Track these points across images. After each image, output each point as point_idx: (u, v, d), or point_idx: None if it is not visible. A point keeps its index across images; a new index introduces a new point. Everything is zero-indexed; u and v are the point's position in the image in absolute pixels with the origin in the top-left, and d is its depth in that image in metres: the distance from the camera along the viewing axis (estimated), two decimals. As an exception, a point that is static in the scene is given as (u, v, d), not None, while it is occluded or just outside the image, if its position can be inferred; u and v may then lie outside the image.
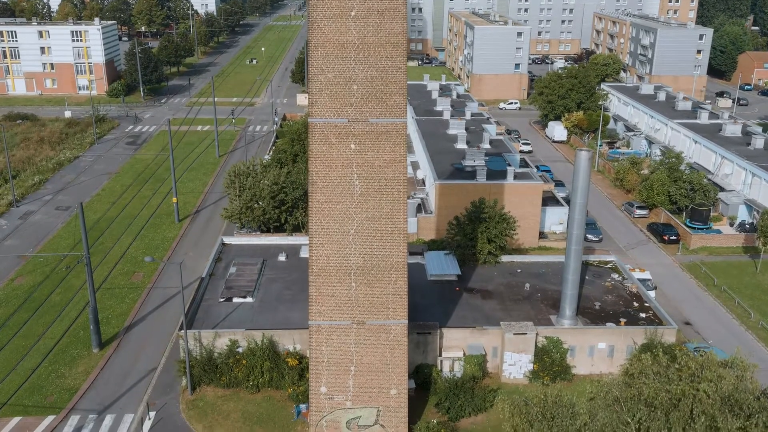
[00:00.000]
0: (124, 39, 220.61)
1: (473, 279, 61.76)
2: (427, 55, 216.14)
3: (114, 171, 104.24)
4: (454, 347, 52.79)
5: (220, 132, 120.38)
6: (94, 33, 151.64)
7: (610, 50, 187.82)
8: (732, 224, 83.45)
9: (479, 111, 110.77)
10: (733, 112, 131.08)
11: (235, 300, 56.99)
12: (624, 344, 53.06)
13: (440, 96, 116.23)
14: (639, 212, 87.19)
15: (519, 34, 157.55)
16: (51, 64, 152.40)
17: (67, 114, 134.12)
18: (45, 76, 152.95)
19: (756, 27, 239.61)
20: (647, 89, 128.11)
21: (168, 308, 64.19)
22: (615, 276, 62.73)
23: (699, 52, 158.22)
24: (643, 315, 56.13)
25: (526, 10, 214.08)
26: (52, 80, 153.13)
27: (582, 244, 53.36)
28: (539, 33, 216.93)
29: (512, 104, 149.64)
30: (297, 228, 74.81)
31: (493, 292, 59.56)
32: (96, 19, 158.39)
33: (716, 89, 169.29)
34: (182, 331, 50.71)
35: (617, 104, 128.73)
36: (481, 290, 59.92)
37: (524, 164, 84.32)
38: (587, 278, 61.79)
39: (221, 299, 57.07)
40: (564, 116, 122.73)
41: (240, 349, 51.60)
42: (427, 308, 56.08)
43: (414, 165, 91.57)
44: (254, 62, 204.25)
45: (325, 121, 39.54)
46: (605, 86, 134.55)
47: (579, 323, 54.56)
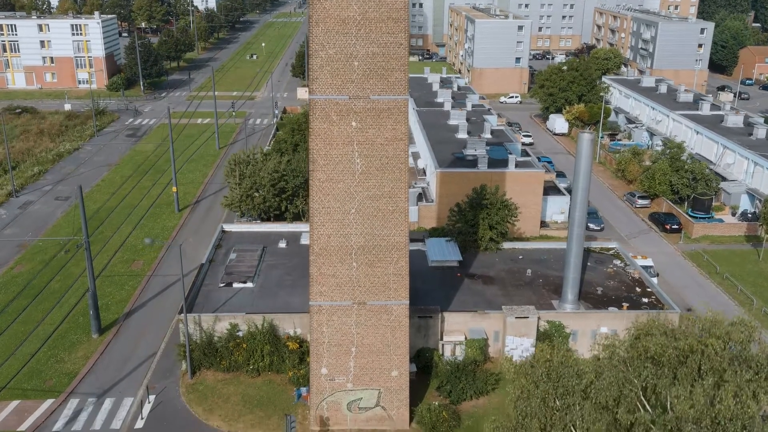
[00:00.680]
0: (124, 35, 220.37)
1: (474, 265, 61.45)
2: (428, 51, 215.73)
3: (114, 162, 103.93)
4: (456, 331, 52.47)
5: (220, 125, 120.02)
6: (94, 27, 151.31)
7: (611, 45, 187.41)
8: (734, 214, 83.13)
9: (480, 103, 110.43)
10: (735, 106, 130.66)
11: (236, 285, 56.69)
12: (626, 328, 52.66)
13: (441, 88, 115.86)
14: (641, 202, 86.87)
15: (520, 28, 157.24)
16: (51, 58, 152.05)
17: (67, 107, 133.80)
18: (45, 70, 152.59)
19: (757, 23, 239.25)
20: (648, 82, 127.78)
21: (168, 295, 63.88)
22: (617, 262, 62.43)
23: (700, 46, 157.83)
24: (646, 300, 55.82)
25: (527, 6, 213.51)
26: (52, 74, 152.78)
27: (584, 227, 53.06)
28: (540, 29, 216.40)
29: (513, 98, 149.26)
30: (297, 216, 74.50)
31: (495, 278, 59.25)
32: (96, 13, 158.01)
33: (717, 84, 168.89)
34: (182, 315, 50.43)
35: (618, 97, 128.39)
36: (483, 276, 59.61)
37: (525, 155, 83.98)
38: (589, 264, 61.48)
39: (221, 284, 56.77)
40: (565, 109, 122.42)
41: (240, 333, 51.30)
42: (428, 293, 55.72)
43: (415, 155, 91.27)
44: (254, 57, 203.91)
45: (326, 98, 39.24)
46: (606, 79, 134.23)
47: (581, 308, 54.25)
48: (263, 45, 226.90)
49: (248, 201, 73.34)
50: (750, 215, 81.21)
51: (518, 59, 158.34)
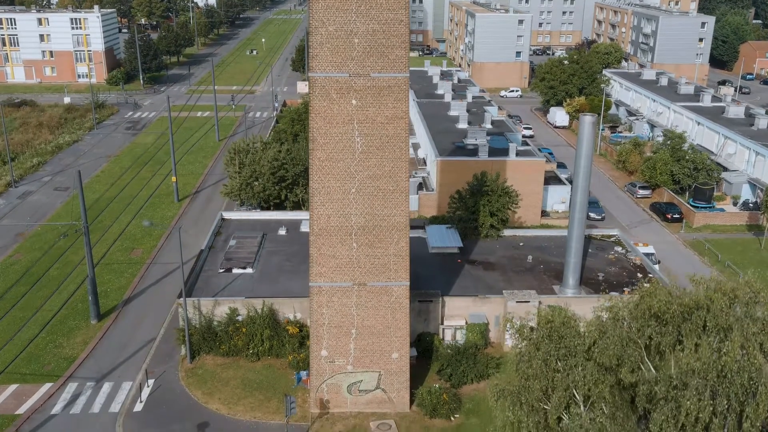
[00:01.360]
0: (124, 31, 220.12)
1: (475, 252, 61.18)
2: (428, 46, 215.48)
3: (113, 154, 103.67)
4: (456, 316, 52.18)
5: (220, 118, 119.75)
6: (94, 20, 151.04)
7: (612, 40, 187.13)
8: (735, 203, 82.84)
9: (480, 94, 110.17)
10: (735, 98, 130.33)
11: (235, 271, 56.38)
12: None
13: (441, 80, 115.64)
14: (642, 192, 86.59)
15: (520, 22, 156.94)
16: (50, 52, 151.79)
17: (66, 100, 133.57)
18: (44, 64, 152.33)
19: (758, 20, 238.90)
20: (649, 75, 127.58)
21: (167, 282, 63.61)
22: (618, 249, 62.15)
23: (701, 41, 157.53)
24: (647, 286, 55.39)
25: (527, 1, 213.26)
26: (52, 68, 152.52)
27: (585, 211, 52.78)
28: (540, 24, 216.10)
29: (513, 92, 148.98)
30: (297, 205, 74.17)
31: (495, 264, 58.98)
32: (95, 7, 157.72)
33: (718, 79, 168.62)
34: (181, 300, 50.14)
35: (619, 90, 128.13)
36: (483, 262, 59.33)
37: (526, 146, 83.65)
38: (590, 251, 61.20)
39: (221, 270, 56.47)
40: (566, 101, 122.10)
41: (240, 318, 51.00)
42: (429, 279, 55.46)
43: (415, 146, 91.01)
44: (254, 53, 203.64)
45: (326, 76, 38.95)
46: (607, 72, 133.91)
47: (582, 293, 53.97)
48: (263, 41, 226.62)
49: (248, 189, 73.04)
50: (751, 205, 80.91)
51: (519, 53, 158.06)
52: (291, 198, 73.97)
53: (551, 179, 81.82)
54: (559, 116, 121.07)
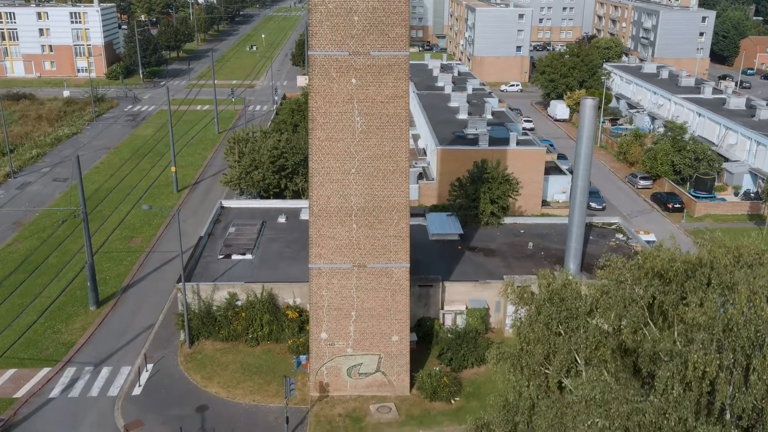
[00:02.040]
0: (124, 27, 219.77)
1: (475, 239, 60.92)
2: (428, 42, 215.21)
3: (112, 146, 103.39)
4: (456, 301, 51.94)
5: (220, 111, 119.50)
6: (93, 15, 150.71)
7: (612, 35, 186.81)
8: (737, 193, 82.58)
9: (481, 87, 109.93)
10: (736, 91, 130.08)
11: (235, 257, 56.11)
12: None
13: (441, 72, 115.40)
14: (643, 183, 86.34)
15: (521, 16, 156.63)
16: (50, 46, 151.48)
17: (66, 93, 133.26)
18: (44, 58, 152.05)
19: (758, 17, 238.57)
20: (650, 68, 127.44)
21: (166, 270, 63.35)
22: (619, 236, 61.88)
23: (701, 35, 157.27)
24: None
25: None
26: (51, 62, 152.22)
27: (587, 196, 52.53)
28: (540, 20, 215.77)
29: (514, 86, 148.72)
30: (297, 194, 73.89)
31: (496, 251, 58.71)
32: (95, 1, 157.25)
33: (718, 74, 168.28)
34: (180, 284, 49.88)
35: (620, 83, 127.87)
36: (484, 249, 59.07)
37: (526, 135, 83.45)
38: (591, 238, 60.94)
39: (220, 256, 56.19)
40: (566, 95, 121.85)
41: (239, 303, 50.74)
42: (429, 265, 55.11)
43: (415, 137, 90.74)
44: (254, 48, 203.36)
45: (326, 54, 38.68)
46: (608, 66, 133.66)
47: (583, 278, 53.66)
48: (263, 36, 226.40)
49: (247, 178, 72.76)
50: (753, 195, 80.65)
51: (519, 48, 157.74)
52: (291, 187, 73.70)
53: (552, 169, 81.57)
54: (560, 109, 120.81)
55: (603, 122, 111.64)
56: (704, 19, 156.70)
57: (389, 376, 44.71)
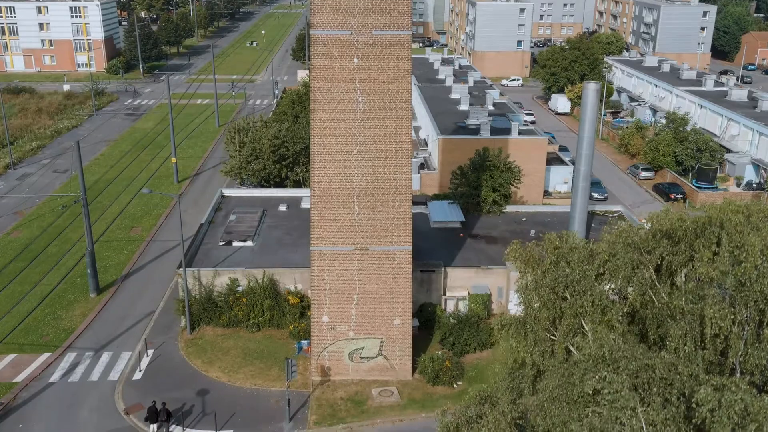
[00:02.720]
0: (124, 24, 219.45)
1: (477, 226, 60.66)
2: (429, 38, 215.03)
3: (112, 139, 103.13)
4: (459, 287, 51.66)
5: (220, 105, 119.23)
6: (93, 9, 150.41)
7: (613, 31, 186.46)
8: (739, 184, 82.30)
9: (482, 79, 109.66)
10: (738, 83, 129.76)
11: (235, 244, 55.83)
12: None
13: (442, 65, 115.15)
14: (644, 174, 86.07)
15: (521, 11, 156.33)
16: (50, 41, 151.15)
17: (66, 87, 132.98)
18: (44, 53, 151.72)
19: (759, 14, 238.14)
20: (651, 62, 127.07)
21: (167, 258, 63.08)
22: (622, 223, 61.44)
23: (702, 30, 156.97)
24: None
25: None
26: (51, 57, 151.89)
27: (589, 181, 52.26)
28: (541, 16, 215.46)
29: (514, 81, 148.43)
30: (298, 184, 73.58)
31: (498, 238, 58.43)
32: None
33: (719, 69, 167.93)
34: (181, 270, 49.61)
35: (621, 76, 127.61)
36: (486, 236, 58.81)
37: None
38: (593, 225, 60.65)
39: (221, 243, 55.90)
40: (567, 88, 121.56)
41: (240, 288, 50.47)
42: (431, 252, 54.86)
43: (416, 129, 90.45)
44: (254, 44, 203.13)
45: (327, 33, 38.39)
46: (609, 59, 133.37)
47: (586, 264, 53.35)
48: (263, 32, 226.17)
49: (248, 168, 72.48)
50: (755, 185, 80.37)
51: (520, 43, 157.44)
52: (292, 177, 73.39)
53: (553, 160, 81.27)
54: (561, 103, 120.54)
55: (604, 115, 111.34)
56: (705, 14, 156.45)
57: (391, 360, 44.43)
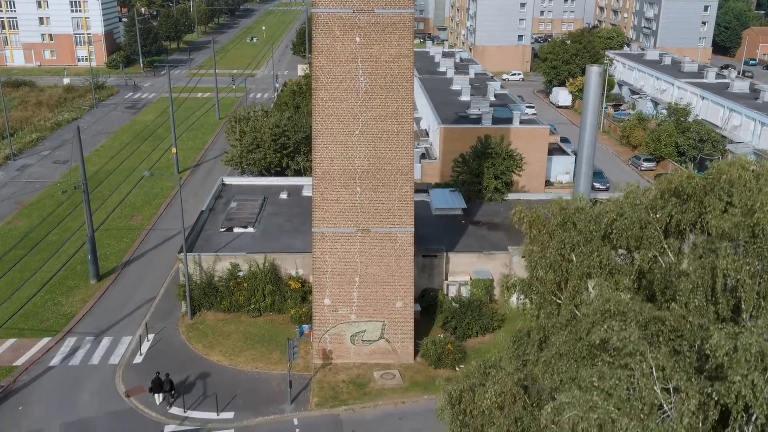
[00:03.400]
0: (124, 20, 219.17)
1: (479, 213, 60.44)
2: (429, 34, 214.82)
3: (112, 131, 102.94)
4: (461, 272, 51.44)
5: (221, 98, 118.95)
6: (93, 3, 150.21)
7: (614, 26, 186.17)
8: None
9: (483, 71, 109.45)
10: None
11: (236, 230, 55.59)
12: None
13: (443, 58, 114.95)
14: (646, 165, 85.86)
15: (522, 5, 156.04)
16: (50, 35, 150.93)
17: (66, 81, 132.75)
18: (44, 47, 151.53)
19: (760, 11, 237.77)
20: (652, 55, 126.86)
21: (167, 246, 62.83)
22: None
23: (704, 24, 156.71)
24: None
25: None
26: (51, 51, 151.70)
27: (592, 166, 52.03)
28: (542, 12, 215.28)
29: (515, 75, 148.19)
30: (299, 173, 73.28)
31: (500, 225, 58.19)
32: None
33: (720, 64, 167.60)
34: (182, 255, 49.36)
35: (622, 70, 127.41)
36: (488, 223, 58.59)
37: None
38: (596, 213, 60.35)
39: (222, 229, 55.67)
40: (568, 81, 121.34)
41: (241, 273, 50.22)
42: (433, 238, 54.54)
43: (417, 120, 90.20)
44: (255, 40, 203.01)
45: (329, 12, 38.15)
46: (610, 53, 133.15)
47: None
48: (263, 28, 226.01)
49: (249, 157, 72.19)
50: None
51: (521, 37, 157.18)
52: (292, 166, 73.11)
53: (555, 150, 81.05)
54: (562, 96, 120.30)
55: (606, 108, 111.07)
56: (706, 8, 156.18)
57: (393, 344, 44.19)
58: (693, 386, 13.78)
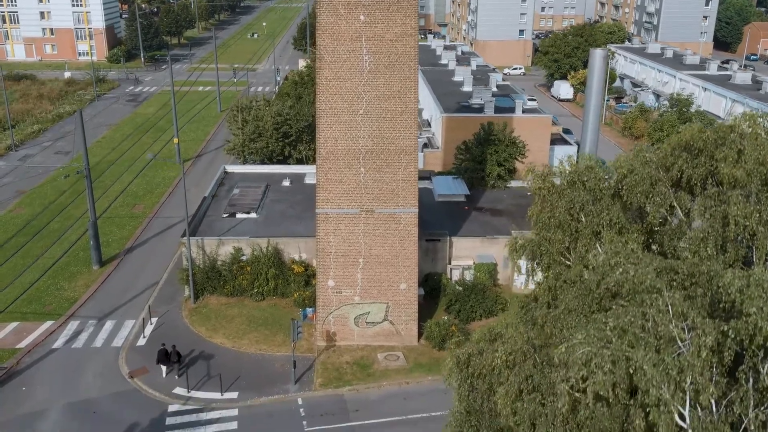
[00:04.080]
0: (125, 16, 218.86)
1: (482, 200, 60.34)
2: (430, 30, 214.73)
3: (114, 123, 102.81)
4: (464, 257, 51.35)
5: (222, 92, 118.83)
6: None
7: (615, 21, 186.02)
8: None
9: (485, 64, 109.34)
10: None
11: (239, 216, 55.50)
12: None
13: (445, 51, 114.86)
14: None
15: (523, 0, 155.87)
16: (51, 30, 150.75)
17: (67, 75, 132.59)
18: (44, 42, 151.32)
19: (762, 7, 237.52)
20: (654, 48, 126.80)
21: (170, 234, 62.72)
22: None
23: (705, 18, 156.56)
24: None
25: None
26: (52, 46, 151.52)
27: (597, 145, 51.87)
28: (543, 8, 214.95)
29: (516, 69, 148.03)
30: (301, 162, 73.16)
31: (503, 211, 58.10)
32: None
33: (722, 59, 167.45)
34: (185, 239, 49.25)
35: (624, 63, 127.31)
36: (491, 209, 58.50)
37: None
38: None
39: (224, 215, 55.58)
40: (570, 75, 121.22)
41: (244, 257, 50.12)
42: (436, 224, 54.48)
43: (419, 111, 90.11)
44: (255, 36, 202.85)
45: (334, -10, 38.01)
46: (612, 47, 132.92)
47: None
48: (264, 24, 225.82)
49: (251, 146, 72.06)
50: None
51: (522, 31, 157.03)
52: (294, 155, 72.97)
53: (557, 140, 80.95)
54: (563, 89, 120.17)
55: (607, 101, 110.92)
56: (708, 2, 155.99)
57: (397, 326, 44.10)
58: (709, 324, 13.64)
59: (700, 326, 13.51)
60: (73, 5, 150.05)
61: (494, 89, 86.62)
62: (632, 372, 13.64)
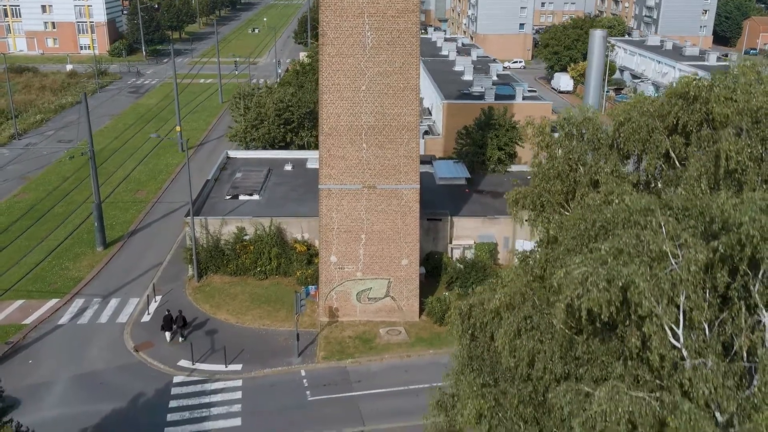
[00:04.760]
0: (125, 12, 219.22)
1: (483, 183, 60.83)
2: (431, 26, 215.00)
3: (116, 114, 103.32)
4: (465, 236, 51.84)
5: (224, 84, 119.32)
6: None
7: (615, 15, 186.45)
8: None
9: (485, 55, 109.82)
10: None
11: (242, 197, 55.98)
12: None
13: (445, 42, 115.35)
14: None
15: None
16: (52, 23, 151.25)
17: (69, 67, 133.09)
18: (46, 35, 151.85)
19: (761, 3, 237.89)
20: (654, 41, 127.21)
21: (173, 217, 63.22)
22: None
23: (705, 12, 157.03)
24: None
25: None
26: (54, 39, 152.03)
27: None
28: (543, 4, 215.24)
29: (517, 63, 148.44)
30: (302, 148, 73.64)
31: (504, 193, 58.28)
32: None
33: (722, 53, 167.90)
34: (188, 218, 49.77)
35: (623, 55, 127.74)
36: (492, 192, 58.97)
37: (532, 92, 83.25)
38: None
39: (227, 197, 56.07)
40: (570, 67, 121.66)
41: (247, 237, 50.63)
42: (437, 205, 54.90)
43: (420, 100, 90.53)
44: (256, 31, 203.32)
45: (337, -34, 38.51)
46: (612, 39, 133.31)
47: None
48: (265, 20, 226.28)
49: (253, 132, 72.56)
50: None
51: (522, 25, 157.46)
52: (296, 141, 73.49)
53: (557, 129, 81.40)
54: (564, 81, 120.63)
55: (607, 92, 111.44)
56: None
57: (398, 302, 44.60)
58: (701, 243, 14.10)
59: (693, 245, 13.95)
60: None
61: (495, 78, 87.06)
62: (625, 287, 14.09)
